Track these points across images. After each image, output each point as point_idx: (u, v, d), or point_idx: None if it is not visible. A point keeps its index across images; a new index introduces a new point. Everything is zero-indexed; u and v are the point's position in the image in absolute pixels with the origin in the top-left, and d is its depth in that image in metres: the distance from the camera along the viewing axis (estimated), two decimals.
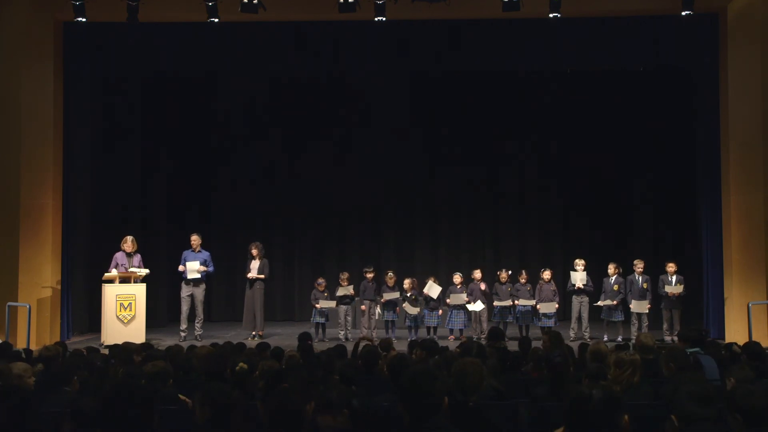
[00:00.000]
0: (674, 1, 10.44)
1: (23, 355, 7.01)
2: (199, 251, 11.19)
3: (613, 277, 11.19)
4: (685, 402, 3.27)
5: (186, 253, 11.17)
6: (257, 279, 11.29)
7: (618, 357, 4.96)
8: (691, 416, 3.24)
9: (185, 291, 11.14)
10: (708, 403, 3.28)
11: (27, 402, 4.11)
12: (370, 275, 11.57)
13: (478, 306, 11.27)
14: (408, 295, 11.28)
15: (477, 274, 11.54)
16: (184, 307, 11.14)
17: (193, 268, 11.01)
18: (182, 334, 11.11)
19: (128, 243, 10.72)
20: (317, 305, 11.37)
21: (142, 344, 7.56)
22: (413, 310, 11.21)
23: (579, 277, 11.18)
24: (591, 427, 2.61)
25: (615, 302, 11.03)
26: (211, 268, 11.25)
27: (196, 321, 11.19)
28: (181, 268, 11.07)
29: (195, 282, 11.08)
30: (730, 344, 7.29)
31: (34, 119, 10.79)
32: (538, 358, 5.70)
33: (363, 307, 11.50)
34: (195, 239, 11.20)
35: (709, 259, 11.34)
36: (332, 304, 11.43)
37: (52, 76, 11.00)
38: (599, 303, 11.14)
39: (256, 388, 4.82)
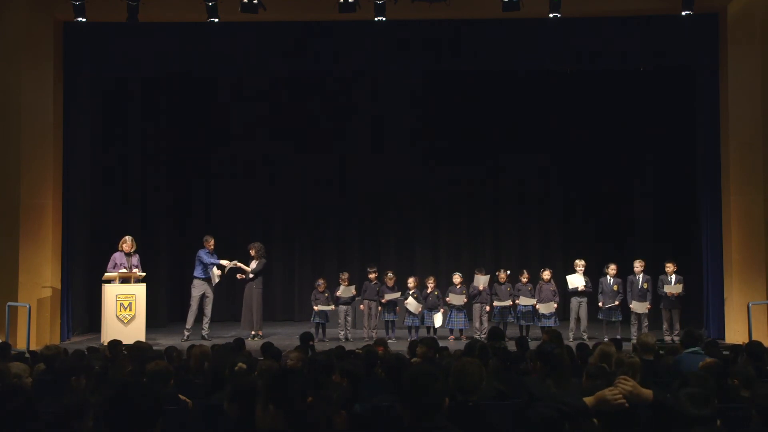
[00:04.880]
0: (674, 1, 10.44)
1: (27, 355, 7.02)
2: (212, 253, 11.31)
3: (612, 278, 11.19)
4: (684, 404, 3.29)
5: (203, 252, 11.22)
6: (248, 276, 11.35)
7: (618, 358, 4.98)
8: (690, 417, 3.27)
9: (198, 290, 11.18)
10: (706, 404, 3.30)
11: (28, 402, 4.11)
12: (373, 275, 11.57)
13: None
14: (411, 293, 11.29)
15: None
16: (194, 306, 11.17)
17: (217, 272, 11.20)
18: (186, 333, 11.11)
19: (127, 243, 10.73)
20: (316, 308, 11.37)
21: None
22: (417, 308, 11.22)
23: (579, 281, 11.17)
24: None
25: (617, 303, 11.04)
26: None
27: (204, 321, 11.22)
28: (225, 262, 11.20)
29: (210, 282, 11.17)
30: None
31: (34, 119, 10.78)
32: (536, 352, 5.62)
33: (362, 306, 11.50)
34: (212, 242, 11.32)
35: (709, 259, 11.33)
36: (330, 307, 11.43)
37: (52, 77, 10.99)
38: (601, 304, 11.11)
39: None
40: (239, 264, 11.46)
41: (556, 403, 3.14)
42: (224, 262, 11.24)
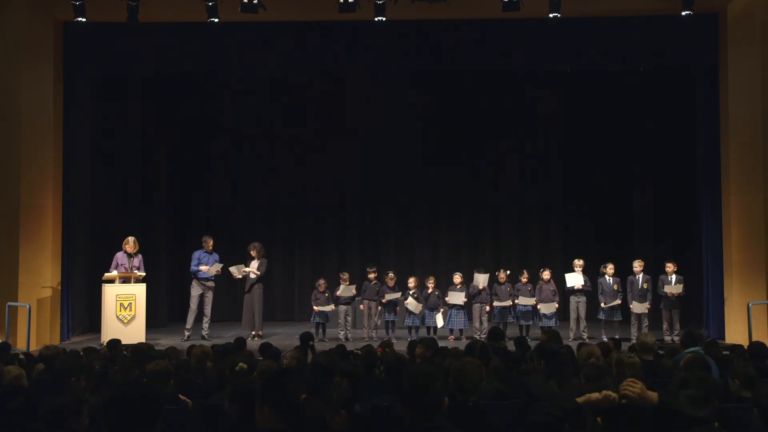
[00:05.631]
0: (674, 1, 10.44)
1: (21, 356, 7.01)
2: (211, 253, 11.26)
3: (611, 278, 11.19)
4: (684, 404, 3.30)
5: (200, 254, 11.20)
6: (254, 276, 11.33)
7: (619, 357, 4.97)
8: (689, 417, 3.28)
9: (196, 290, 11.18)
10: (705, 405, 3.31)
11: (27, 402, 4.12)
12: (372, 275, 11.57)
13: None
14: (411, 293, 11.29)
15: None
16: (193, 306, 11.17)
17: (213, 269, 11.13)
18: (186, 333, 11.11)
19: (130, 243, 10.73)
20: (316, 308, 11.37)
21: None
22: (417, 308, 11.22)
23: (577, 280, 11.17)
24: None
25: (619, 302, 11.04)
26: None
27: (204, 321, 11.22)
28: (203, 268, 11.09)
29: (210, 281, 11.15)
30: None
31: (34, 119, 10.78)
32: (539, 350, 5.54)
33: (362, 306, 11.50)
34: (211, 243, 11.30)
35: (709, 259, 11.33)
36: (330, 307, 11.43)
37: (51, 77, 10.99)
38: (603, 305, 11.09)
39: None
40: (247, 269, 11.40)
41: (551, 407, 3.16)
42: (203, 268, 11.13)
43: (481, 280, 11.31)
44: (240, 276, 11.48)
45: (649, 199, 13.52)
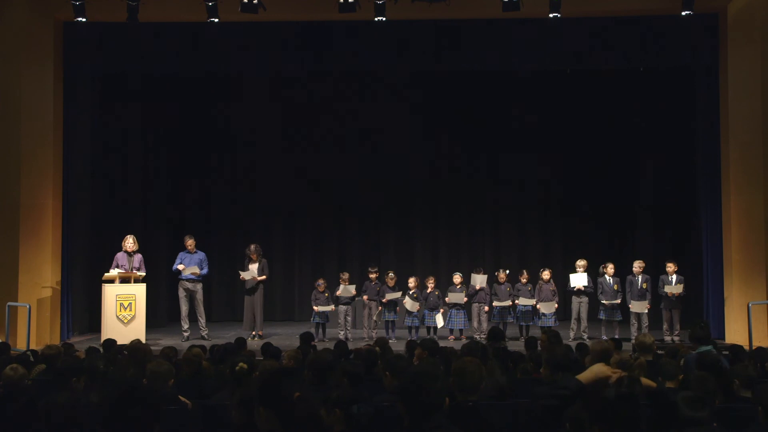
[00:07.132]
0: (674, 1, 10.45)
1: (31, 358, 7.02)
2: (194, 252, 11.23)
3: (611, 278, 11.20)
4: (682, 405, 3.31)
5: (182, 255, 11.20)
6: (259, 282, 11.32)
7: (622, 359, 4.97)
8: (687, 419, 3.29)
9: (181, 292, 11.18)
10: (702, 407, 3.32)
11: (29, 402, 4.12)
12: (373, 275, 11.57)
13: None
14: (411, 293, 11.29)
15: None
16: (184, 307, 11.17)
17: (189, 269, 11.08)
18: (185, 334, 11.13)
19: (129, 242, 10.72)
20: (316, 308, 11.37)
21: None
22: (414, 307, 11.22)
23: (580, 280, 11.17)
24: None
25: (618, 301, 11.05)
26: (205, 270, 11.29)
27: (200, 322, 11.21)
28: (181, 266, 11.08)
29: (192, 282, 11.10)
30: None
31: (34, 119, 10.79)
32: (550, 359, 5.34)
33: (365, 297, 11.46)
34: (191, 243, 11.24)
35: (709, 259, 11.34)
36: (330, 307, 11.43)
37: (52, 76, 10.99)
38: (604, 302, 11.09)
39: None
40: (258, 277, 11.36)
41: (554, 389, 3.14)
42: (180, 267, 11.14)
43: (478, 280, 11.31)
44: (248, 278, 11.43)
45: (649, 199, 13.52)
